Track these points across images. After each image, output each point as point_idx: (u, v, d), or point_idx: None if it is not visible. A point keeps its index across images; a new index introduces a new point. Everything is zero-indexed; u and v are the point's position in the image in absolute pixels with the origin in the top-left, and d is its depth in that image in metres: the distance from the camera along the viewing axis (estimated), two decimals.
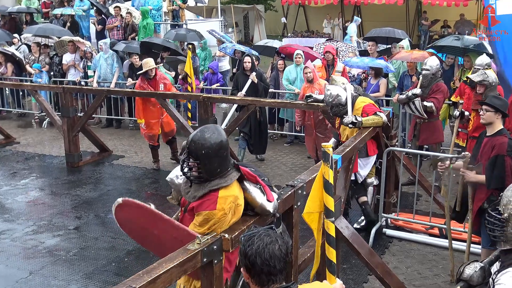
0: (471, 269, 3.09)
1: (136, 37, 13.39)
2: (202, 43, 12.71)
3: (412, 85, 8.40)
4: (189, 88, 9.82)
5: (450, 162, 5.00)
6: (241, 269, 2.44)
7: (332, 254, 3.17)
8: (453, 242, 5.44)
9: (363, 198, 6.48)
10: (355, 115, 6.06)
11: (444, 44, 9.63)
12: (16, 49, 13.39)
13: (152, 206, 3.48)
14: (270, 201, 3.56)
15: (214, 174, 3.39)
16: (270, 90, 9.89)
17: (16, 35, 14.30)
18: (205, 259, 3.17)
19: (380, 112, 6.19)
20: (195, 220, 3.40)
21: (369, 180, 6.64)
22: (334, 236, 3.18)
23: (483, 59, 7.41)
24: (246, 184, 3.50)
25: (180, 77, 10.90)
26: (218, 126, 3.61)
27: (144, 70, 8.69)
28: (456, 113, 7.22)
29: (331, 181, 3.14)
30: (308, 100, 7.50)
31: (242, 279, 3.89)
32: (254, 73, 8.97)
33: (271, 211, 3.56)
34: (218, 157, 3.37)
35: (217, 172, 3.39)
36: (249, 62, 9.05)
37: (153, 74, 8.71)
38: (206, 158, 3.34)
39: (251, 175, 3.53)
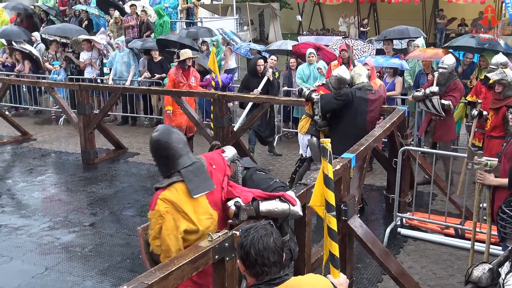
0: (479, 271, 3.06)
1: (152, 35, 13.43)
2: (216, 40, 12.70)
3: (427, 83, 8.32)
4: (213, 83, 9.86)
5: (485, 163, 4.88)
6: (238, 261, 2.48)
7: (334, 248, 3.17)
8: (469, 242, 5.37)
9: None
10: None
11: (459, 44, 9.52)
12: (34, 47, 13.53)
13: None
14: (294, 205, 3.59)
15: (162, 172, 3.51)
16: (284, 88, 9.92)
17: (35, 33, 14.42)
18: (216, 256, 3.17)
19: None
20: None
21: None
22: (336, 230, 3.19)
23: (498, 58, 7.32)
24: (263, 204, 3.50)
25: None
26: (168, 127, 3.63)
27: (182, 58, 8.98)
28: (474, 112, 7.14)
29: (331, 175, 3.17)
30: None
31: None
32: (270, 70, 8.96)
33: (301, 213, 3.63)
34: (157, 156, 3.51)
35: (163, 170, 3.50)
36: (262, 65, 9.04)
37: (190, 64, 9.06)
38: (151, 153, 3.57)
39: (263, 195, 3.57)
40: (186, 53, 9.00)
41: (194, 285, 3.57)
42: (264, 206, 3.51)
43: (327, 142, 3.13)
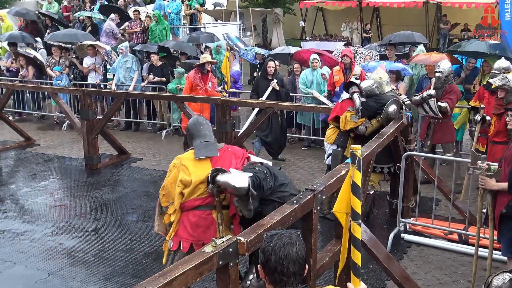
0: (500, 281, 2.95)
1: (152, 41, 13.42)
2: (220, 45, 12.74)
3: (424, 88, 8.36)
4: (226, 87, 9.92)
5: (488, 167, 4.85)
6: (258, 266, 2.45)
7: (357, 256, 3.15)
8: (473, 247, 5.35)
9: None
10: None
11: (469, 50, 9.48)
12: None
13: None
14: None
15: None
16: None
17: (38, 38, 14.46)
18: (220, 262, 3.16)
19: None
20: None
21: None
22: (360, 239, 3.15)
23: (500, 63, 7.35)
24: (222, 176, 4.11)
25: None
26: (195, 119, 4.71)
27: (201, 62, 9.05)
28: (478, 118, 7.13)
29: (359, 183, 3.10)
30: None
31: (250, 280, 3.87)
32: (275, 81, 8.92)
33: (244, 185, 3.96)
34: (187, 135, 4.73)
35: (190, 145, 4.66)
36: (272, 67, 9.00)
37: (209, 68, 9.13)
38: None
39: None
40: (205, 58, 9.06)
41: (190, 238, 4.42)
42: (222, 177, 4.11)
43: (357, 149, 3.06)
